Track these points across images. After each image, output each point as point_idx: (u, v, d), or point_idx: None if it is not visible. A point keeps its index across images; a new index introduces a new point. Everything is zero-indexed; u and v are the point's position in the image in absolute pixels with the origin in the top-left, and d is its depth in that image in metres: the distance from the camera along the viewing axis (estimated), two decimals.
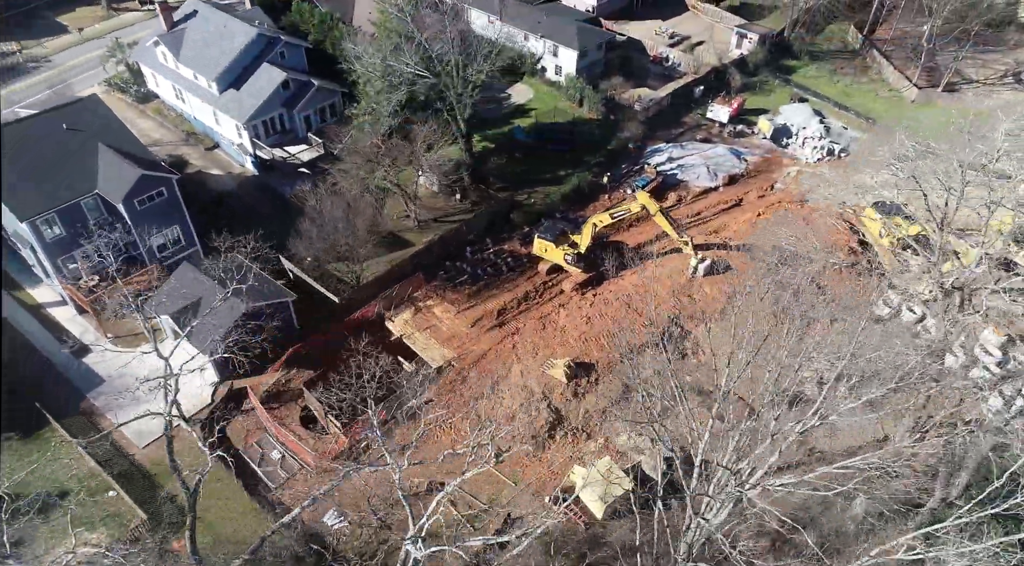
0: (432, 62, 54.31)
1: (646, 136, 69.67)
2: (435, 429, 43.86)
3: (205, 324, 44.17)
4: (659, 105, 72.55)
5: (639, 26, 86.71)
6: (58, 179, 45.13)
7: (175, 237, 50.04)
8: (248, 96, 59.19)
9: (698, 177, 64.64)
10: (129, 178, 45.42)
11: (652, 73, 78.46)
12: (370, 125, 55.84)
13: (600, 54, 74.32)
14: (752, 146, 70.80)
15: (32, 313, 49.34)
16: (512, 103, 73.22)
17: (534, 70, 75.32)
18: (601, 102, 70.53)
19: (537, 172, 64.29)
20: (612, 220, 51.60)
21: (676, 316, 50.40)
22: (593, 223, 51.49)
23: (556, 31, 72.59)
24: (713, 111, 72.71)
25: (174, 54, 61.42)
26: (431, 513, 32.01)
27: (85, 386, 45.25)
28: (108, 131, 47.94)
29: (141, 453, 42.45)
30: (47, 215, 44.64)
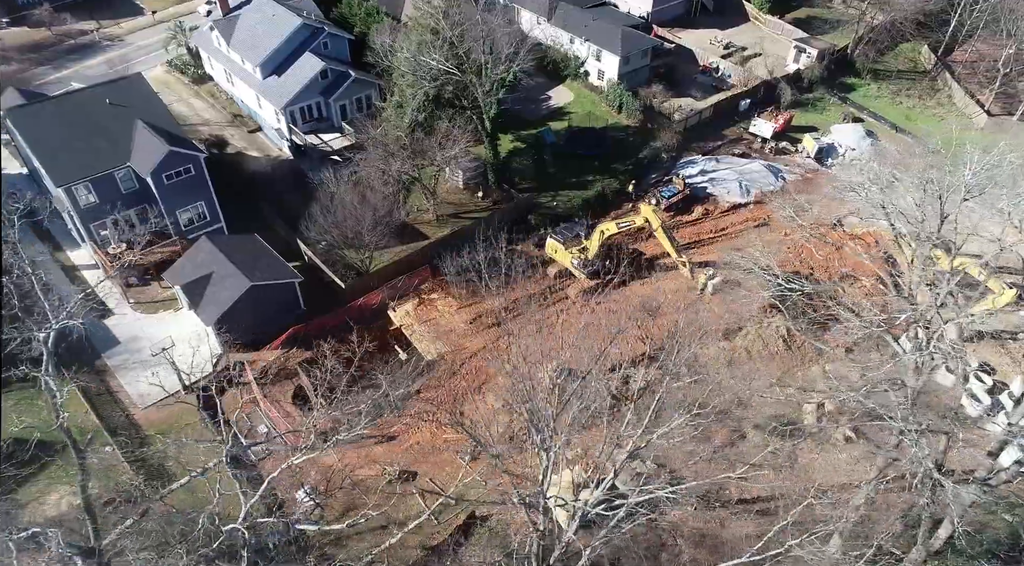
0: (461, 60, 54.91)
1: (682, 147, 68.39)
2: (417, 420, 44.57)
3: (211, 296, 46.40)
4: (700, 116, 71.03)
5: (694, 35, 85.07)
6: (95, 150, 48.14)
7: (200, 213, 52.51)
8: (288, 83, 61.49)
9: (728, 192, 63.01)
10: (158, 153, 48.02)
11: (699, 83, 76.85)
12: (396, 118, 56.98)
13: (645, 61, 73.33)
14: (793, 164, 68.46)
15: (66, 273, 52.79)
16: (551, 105, 73.22)
17: (577, 73, 75.02)
18: (639, 109, 69.64)
19: (564, 175, 64.11)
20: (618, 230, 50.98)
21: (676, 331, 49.28)
22: (601, 231, 51.06)
23: (601, 35, 72.09)
24: (756, 126, 70.68)
25: (225, 39, 64.41)
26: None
27: (101, 346, 48.18)
28: (147, 108, 50.76)
29: (141, 413, 44.89)
30: (82, 182, 47.73)
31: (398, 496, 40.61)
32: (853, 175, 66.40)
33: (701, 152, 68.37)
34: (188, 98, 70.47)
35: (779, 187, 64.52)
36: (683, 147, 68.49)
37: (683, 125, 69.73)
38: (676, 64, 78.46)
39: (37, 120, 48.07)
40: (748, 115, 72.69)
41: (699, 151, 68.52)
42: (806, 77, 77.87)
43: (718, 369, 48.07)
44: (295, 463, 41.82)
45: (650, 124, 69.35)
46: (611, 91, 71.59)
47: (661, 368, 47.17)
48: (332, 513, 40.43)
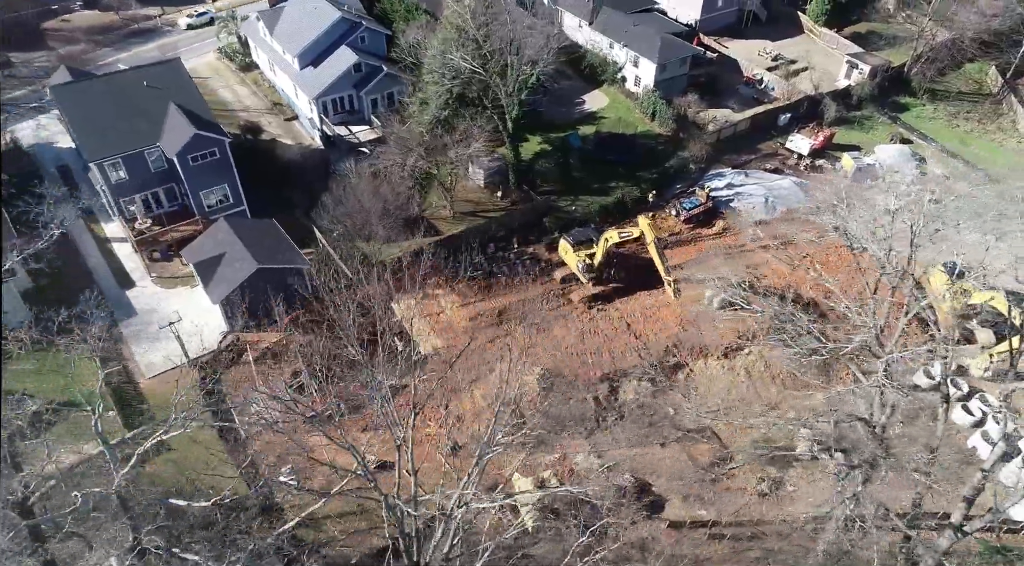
0: (485, 59, 55.27)
1: (712, 158, 67.01)
2: (402, 411, 45.16)
3: (221, 276, 48.26)
4: (735, 128, 69.41)
5: (743, 45, 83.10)
6: (129, 129, 50.72)
7: (223, 195, 54.56)
8: (322, 74, 63.24)
9: (753, 208, 61.41)
10: (185, 135, 50.20)
11: (741, 95, 75.06)
12: (419, 114, 57.86)
13: (683, 69, 72.10)
14: (828, 183, 66.02)
15: (98, 243, 55.77)
16: (584, 109, 72.87)
17: (614, 79, 74.39)
18: (671, 118, 68.58)
19: (588, 180, 63.75)
20: (619, 239, 50.41)
21: (675, 346, 48.49)
22: (605, 238, 50.63)
23: (639, 41, 71.28)
24: (793, 141, 68.62)
25: (269, 29, 66.70)
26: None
27: (120, 315, 50.71)
28: (181, 92, 53.13)
29: (147, 382, 47.09)
30: (113, 159, 50.37)
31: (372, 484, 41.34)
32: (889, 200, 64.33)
33: (731, 165, 66.83)
34: (234, 85, 73.25)
35: (807, 205, 62.41)
36: (714, 159, 67.09)
37: (716, 136, 68.31)
38: (718, 74, 76.84)
39: (78, 97, 50.98)
40: (787, 130, 70.65)
41: (730, 164, 67.00)
42: (855, 94, 75.07)
43: (711, 387, 47.08)
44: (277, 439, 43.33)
45: (682, 134, 68.18)
46: (645, 98, 70.75)
47: (652, 382, 46.71)
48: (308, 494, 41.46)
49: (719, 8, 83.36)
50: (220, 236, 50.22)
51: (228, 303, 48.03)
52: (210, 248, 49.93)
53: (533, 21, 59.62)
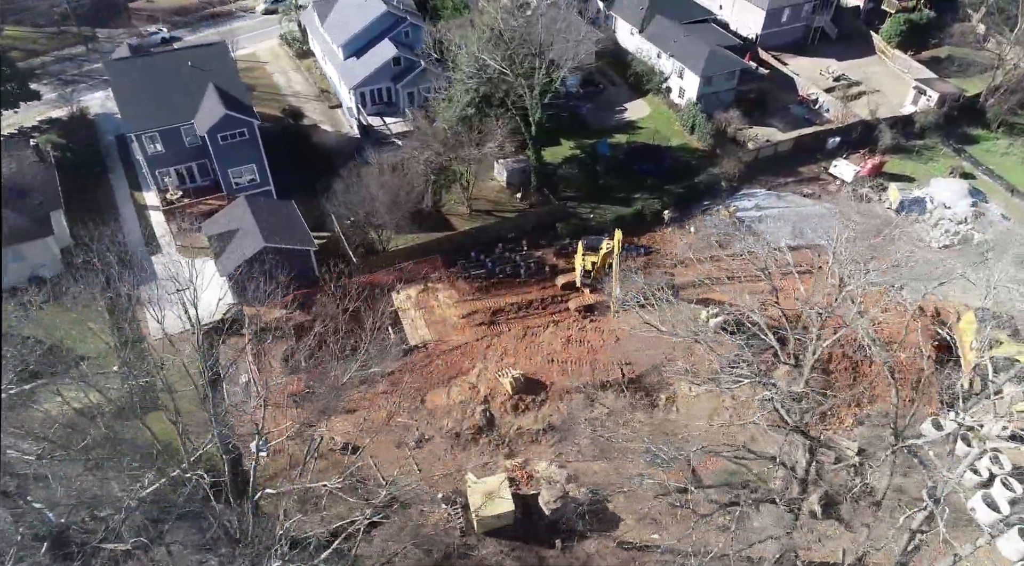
0: (512, 61, 55.48)
1: (746, 177, 64.75)
2: (379, 398, 46.25)
3: (231, 250, 50.72)
4: (775, 148, 66.78)
5: (806, 62, 79.81)
6: (168, 105, 54.02)
7: (251, 174, 57.17)
8: (363, 65, 65.19)
9: (777, 232, 58.89)
10: (216, 114, 52.98)
11: (792, 114, 72.05)
12: (445, 111, 58.74)
13: (731, 84, 69.90)
14: (868, 214, 62.62)
15: (137, 210, 59.63)
16: (624, 117, 71.94)
17: (659, 89, 73.01)
18: (710, 133, 66.72)
19: (612, 189, 62.96)
20: (606, 249, 49.64)
21: (661, 365, 47.29)
22: (603, 247, 49.97)
23: (686, 52, 69.63)
24: (837, 167, 65.43)
25: (321, 19, 69.35)
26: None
27: (141, 278, 54.00)
28: (222, 74, 56.08)
29: (154, 343, 50.06)
30: (151, 132, 53.77)
31: (335, 465, 42.61)
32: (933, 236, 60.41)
33: (766, 186, 64.37)
34: (288, 70, 76.53)
35: (841, 235, 59.34)
36: (748, 178, 64.80)
37: (754, 155, 65.95)
38: (771, 91, 74.08)
39: (127, 72, 54.74)
40: (836, 154, 67.39)
41: (764, 185, 64.55)
42: (918, 121, 70.75)
43: (691, 410, 45.70)
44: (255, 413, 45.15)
45: (719, 150, 66.19)
46: (686, 111, 69.12)
47: (630, 399, 45.83)
48: (275, 466, 43.13)
49: (783, 23, 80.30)
50: (237, 212, 52.73)
51: (235, 276, 50.40)
52: (226, 223, 52.53)
53: (569, 24, 59.20)
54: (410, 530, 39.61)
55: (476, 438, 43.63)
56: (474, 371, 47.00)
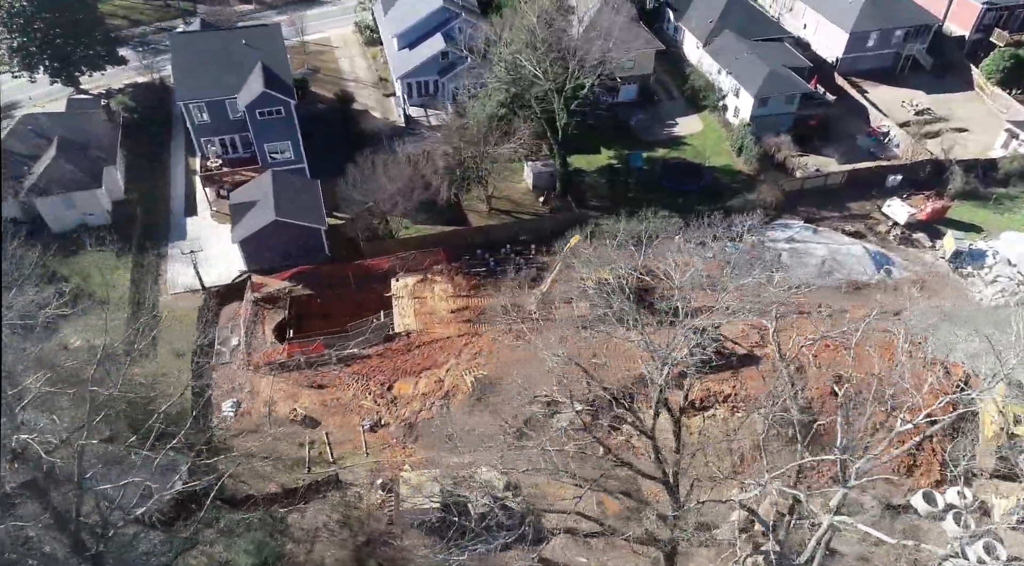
0: (546, 65, 55.12)
1: (786, 207, 61.17)
2: (351, 378, 47.48)
3: (246, 220, 53.63)
4: (825, 179, 62.59)
5: (889, 92, 74.30)
6: (218, 80, 57.63)
7: (286, 150, 60.00)
8: (412, 57, 66.81)
9: (804, 267, 55.30)
10: (255, 91, 56.02)
11: (856, 145, 67.31)
12: (474, 109, 59.25)
13: (789, 108, 66.07)
14: (915, 260, 57.61)
15: (186, 174, 64.10)
16: (674, 131, 69.78)
17: (716, 106, 70.17)
18: (756, 157, 63.49)
19: (639, 203, 61.09)
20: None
21: (634, 386, 45.61)
22: None
23: (744, 71, 66.50)
24: (891, 207, 60.52)
25: (385, 10, 71.66)
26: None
27: (172, 236, 58.20)
28: (271, 54, 59.19)
29: (167, 297, 53.78)
30: (198, 103, 57.61)
31: (292, 434, 44.27)
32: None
33: (806, 218, 60.47)
34: (355, 56, 79.57)
35: (876, 279, 55.03)
36: (788, 208, 61.21)
37: (800, 184, 62.13)
38: (839, 118, 69.51)
39: (186, 45, 58.95)
40: (895, 193, 62.33)
41: (804, 217, 60.66)
42: (1003, 167, 64.23)
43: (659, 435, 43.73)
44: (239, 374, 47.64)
45: (763, 175, 62.83)
46: (737, 131, 66.06)
47: (595, 415, 44.68)
48: (239, 426, 45.27)
49: (869, 48, 75.00)
50: (261, 185, 55.61)
51: (246, 245, 53.27)
52: (250, 194, 55.54)
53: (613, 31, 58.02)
54: (343, 509, 40.56)
55: (428, 432, 43.87)
56: (445, 366, 47.32)
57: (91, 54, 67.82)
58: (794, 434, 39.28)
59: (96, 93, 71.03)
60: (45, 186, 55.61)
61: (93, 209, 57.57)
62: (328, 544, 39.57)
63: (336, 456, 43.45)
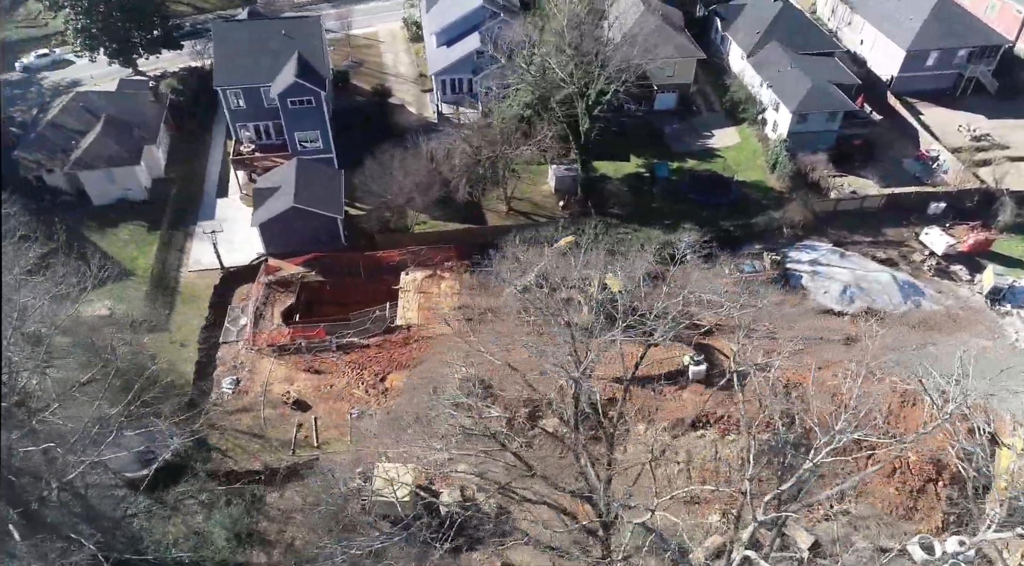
0: (573, 68, 54.69)
1: (815, 228, 58.83)
2: (347, 366, 48.29)
3: (267, 205, 55.30)
4: (861, 202, 59.87)
5: (945, 115, 70.48)
6: (255, 67, 59.56)
7: (315, 139, 61.46)
8: (448, 54, 67.40)
9: (825, 293, 53.12)
10: (287, 80, 57.61)
11: (903, 169, 64.07)
12: (499, 109, 59.31)
13: (831, 125, 63.45)
14: (949, 293, 54.45)
15: (223, 156, 66.47)
16: (708, 143, 68.07)
17: (755, 119, 68.07)
18: (789, 174, 61.27)
19: (660, 213, 60.17)
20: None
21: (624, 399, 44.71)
22: None
23: (785, 84, 64.24)
24: (929, 235, 57.41)
25: (428, 7, 72.60)
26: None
27: (201, 215, 60.48)
28: (309, 45, 60.78)
29: (187, 274, 55.93)
30: (235, 89, 59.69)
31: (282, 417, 45.39)
32: None
33: (834, 240, 57.96)
34: (399, 51, 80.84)
35: (902, 310, 52.28)
36: (817, 229, 58.84)
37: (832, 206, 59.63)
38: (885, 139, 66.33)
39: (228, 33, 61.19)
40: (937, 221, 59.08)
41: (832, 239, 58.14)
42: None
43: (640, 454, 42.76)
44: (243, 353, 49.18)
45: (795, 193, 60.53)
46: (772, 147, 63.93)
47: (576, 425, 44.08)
48: (235, 404, 46.71)
49: (928, 67, 71.30)
50: (286, 172, 57.17)
51: (265, 228, 54.90)
52: (274, 180, 57.20)
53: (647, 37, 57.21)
54: (320, 493, 41.24)
55: (413, 426, 44.11)
56: (436, 361, 47.47)
57: (148, 38, 71.17)
58: (780, 464, 37.95)
59: (152, 75, 74.46)
60: (89, 160, 58.72)
61: (132, 185, 60.41)
62: (300, 526, 40.39)
63: (321, 441, 44.29)
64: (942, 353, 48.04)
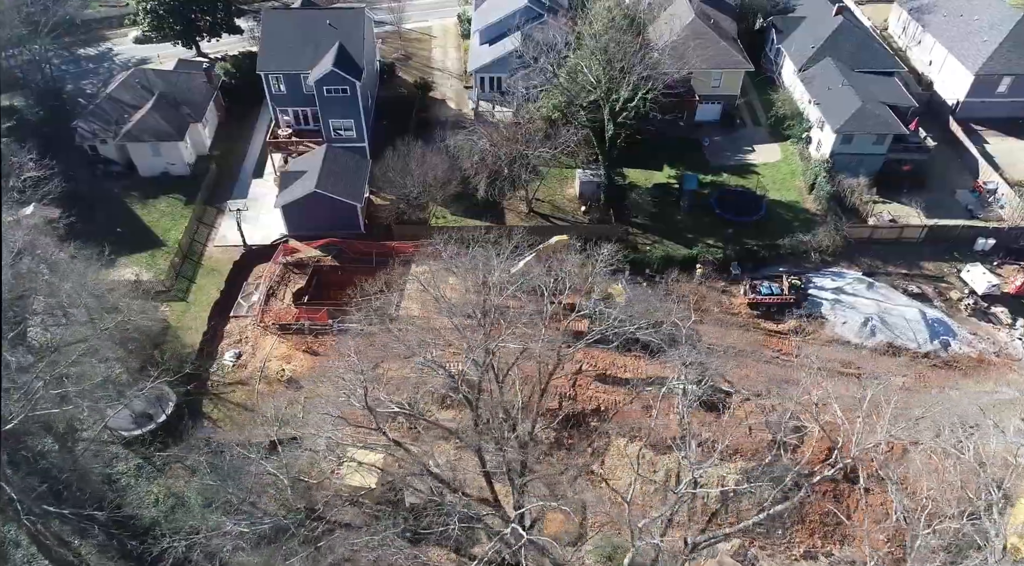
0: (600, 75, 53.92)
1: (844, 255, 55.94)
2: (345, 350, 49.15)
3: (291, 188, 57.05)
4: (900, 231, 56.47)
5: (1016, 145, 65.84)
6: (298, 55, 61.36)
7: (349, 129, 62.83)
8: (489, 52, 67.63)
9: (844, 323, 50.51)
10: (324, 69, 59.14)
11: (956, 200, 60.19)
12: (533, 110, 59.07)
13: (879, 149, 60.11)
14: (985, 337, 50.75)
15: (264, 139, 68.82)
16: (747, 158, 65.75)
17: (800, 137, 65.28)
18: (827, 197, 58.49)
19: (684, 226, 58.68)
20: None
21: (608, 411, 43.84)
22: None
23: (832, 103, 61.29)
24: (971, 273, 53.71)
25: (476, 4, 72.92)
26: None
27: (235, 193, 62.84)
28: (350, 36, 62.08)
29: (214, 248, 58.24)
30: (276, 74, 61.70)
31: (274, 393, 46.70)
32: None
33: (865, 270, 54.92)
34: (449, 47, 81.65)
35: (927, 349, 49.11)
36: (847, 256, 55.92)
37: (868, 233, 56.53)
38: (941, 168, 62.49)
39: (276, 20, 63.25)
40: (983, 259, 55.19)
41: (865, 268, 55.10)
42: None
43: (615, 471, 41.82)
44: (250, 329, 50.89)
45: (829, 217, 57.68)
46: (812, 167, 61.17)
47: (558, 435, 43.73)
48: (232, 377, 48.37)
49: (999, 94, 66.69)
50: (315, 157, 58.74)
51: (288, 210, 56.62)
52: (302, 164, 58.88)
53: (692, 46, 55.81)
54: (296, 470, 42.19)
55: (394, 416, 44.53)
56: (431, 355, 47.70)
57: (210, 21, 74.47)
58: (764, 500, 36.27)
59: (213, 58, 77.83)
60: (137, 134, 61.97)
61: (175, 160, 63.36)
62: (270, 500, 41.36)
63: (306, 421, 45.21)
64: (963, 399, 45.08)
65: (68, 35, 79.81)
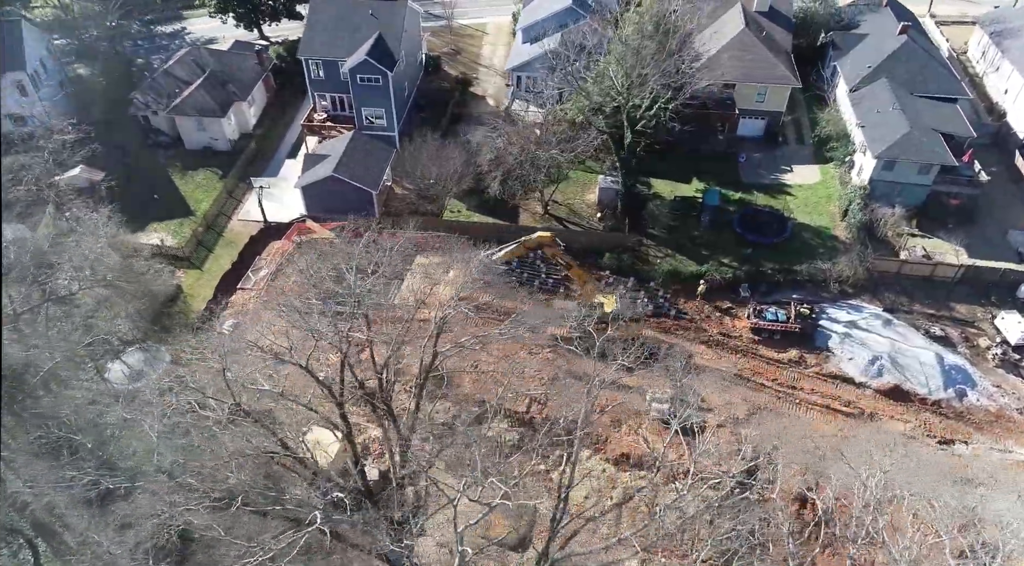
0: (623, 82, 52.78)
1: (866, 288, 52.60)
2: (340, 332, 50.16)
3: (312, 171, 58.75)
4: (933, 269, 52.58)
5: None
6: (338, 42, 62.97)
7: (380, 117, 64.01)
8: (527, 51, 67.35)
9: (850, 359, 47.55)
10: (359, 58, 60.51)
11: (1007, 241, 55.61)
12: (558, 111, 58.50)
13: (924, 179, 56.13)
14: (1010, 390, 46.62)
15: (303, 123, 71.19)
16: (783, 178, 62.84)
17: (843, 160, 61.81)
18: (858, 225, 55.17)
19: (701, 243, 56.67)
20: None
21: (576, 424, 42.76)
22: None
23: (878, 127, 57.63)
24: (1005, 320, 49.50)
25: (524, 3, 72.78)
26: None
27: (268, 172, 65.16)
28: (389, 27, 63.12)
29: (235, 222, 60.61)
30: (315, 60, 63.57)
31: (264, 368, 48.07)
32: None
33: (887, 305, 51.42)
34: (498, 45, 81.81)
35: (939, 395, 45.59)
36: (868, 289, 52.56)
37: (896, 267, 52.93)
38: (994, 205, 57.82)
39: (321, 7, 64.90)
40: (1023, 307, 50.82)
41: (887, 304, 51.59)
42: None
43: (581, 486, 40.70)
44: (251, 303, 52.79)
45: (856, 246, 54.31)
46: (848, 193, 57.81)
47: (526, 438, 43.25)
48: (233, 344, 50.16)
49: None
50: (339, 143, 60.22)
51: (307, 191, 58.30)
52: (326, 148, 60.48)
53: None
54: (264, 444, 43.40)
55: (372, 401, 45.12)
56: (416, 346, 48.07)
57: (272, 6, 77.55)
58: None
59: (274, 41, 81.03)
60: (184, 108, 65.28)
61: (217, 135, 66.37)
62: (240, 469, 42.65)
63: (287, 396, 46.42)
64: (970, 457, 41.72)
65: (148, 13, 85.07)
